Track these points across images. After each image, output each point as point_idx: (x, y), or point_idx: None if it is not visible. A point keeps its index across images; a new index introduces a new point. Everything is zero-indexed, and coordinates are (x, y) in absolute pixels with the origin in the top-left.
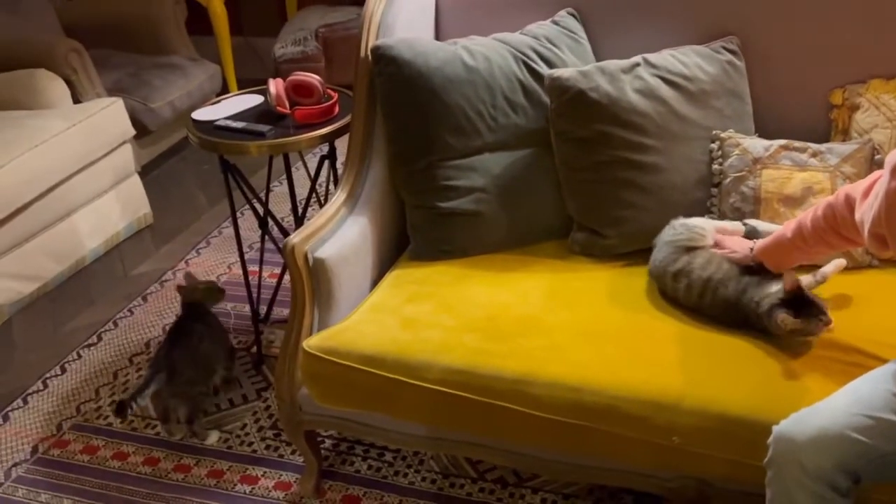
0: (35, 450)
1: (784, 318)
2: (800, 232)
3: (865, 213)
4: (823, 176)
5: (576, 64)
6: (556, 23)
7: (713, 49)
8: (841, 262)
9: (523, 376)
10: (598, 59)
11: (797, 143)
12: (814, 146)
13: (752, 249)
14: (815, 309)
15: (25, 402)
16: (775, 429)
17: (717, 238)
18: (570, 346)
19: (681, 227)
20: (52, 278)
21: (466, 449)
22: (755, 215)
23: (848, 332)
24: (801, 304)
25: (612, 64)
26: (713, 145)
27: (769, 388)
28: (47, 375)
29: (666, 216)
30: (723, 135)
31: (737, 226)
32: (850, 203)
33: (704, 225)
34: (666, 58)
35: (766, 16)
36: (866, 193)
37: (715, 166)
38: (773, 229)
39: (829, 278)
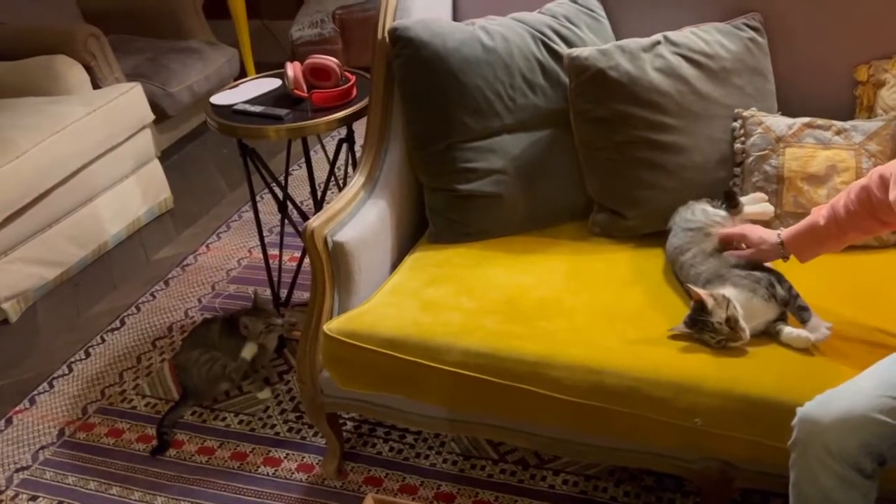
0: (61, 433)
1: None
2: (833, 218)
3: None
4: (848, 154)
5: (595, 43)
6: (574, 1)
7: (735, 26)
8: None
9: (544, 358)
10: (619, 38)
11: (821, 121)
12: (838, 124)
13: (781, 242)
14: (709, 326)
15: (51, 385)
16: (800, 410)
17: (738, 231)
18: (590, 327)
19: (700, 214)
20: (74, 263)
21: (487, 431)
22: (778, 194)
23: (872, 314)
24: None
25: (633, 42)
26: (735, 124)
27: (792, 369)
28: (72, 360)
29: (687, 196)
30: (745, 113)
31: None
32: (884, 183)
33: (725, 214)
34: (687, 35)
35: None
36: None
37: (737, 145)
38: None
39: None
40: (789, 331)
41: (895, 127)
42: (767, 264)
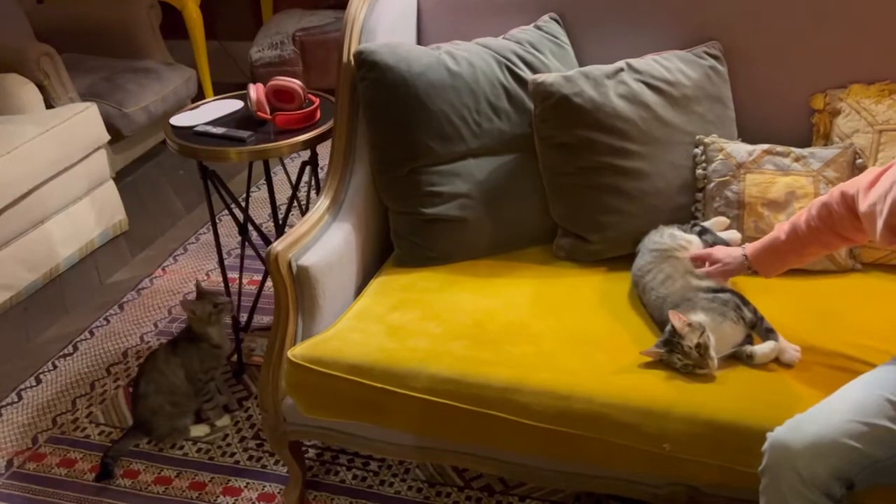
0: (10, 464)
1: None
2: (794, 234)
3: (877, 203)
4: (806, 180)
5: (559, 69)
6: (539, 28)
7: (696, 54)
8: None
9: (512, 384)
10: (582, 65)
11: (780, 148)
12: (796, 151)
13: (745, 257)
14: (678, 348)
15: None
16: (770, 436)
17: (706, 251)
18: (557, 352)
19: (668, 238)
20: (25, 287)
21: (453, 457)
22: (739, 219)
23: (834, 337)
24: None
25: (596, 69)
26: (697, 150)
27: (759, 393)
28: (21, 387)
29: (650, 221)
30: (706, 140)
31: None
32: (846, 200)
33: (691, 239)
34: (649, 63)
35: (748, 21)
36: (871, 185)
37: (699, 171)
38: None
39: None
40: (761, 348)
41: (851, 154)
42: (730, 286)
